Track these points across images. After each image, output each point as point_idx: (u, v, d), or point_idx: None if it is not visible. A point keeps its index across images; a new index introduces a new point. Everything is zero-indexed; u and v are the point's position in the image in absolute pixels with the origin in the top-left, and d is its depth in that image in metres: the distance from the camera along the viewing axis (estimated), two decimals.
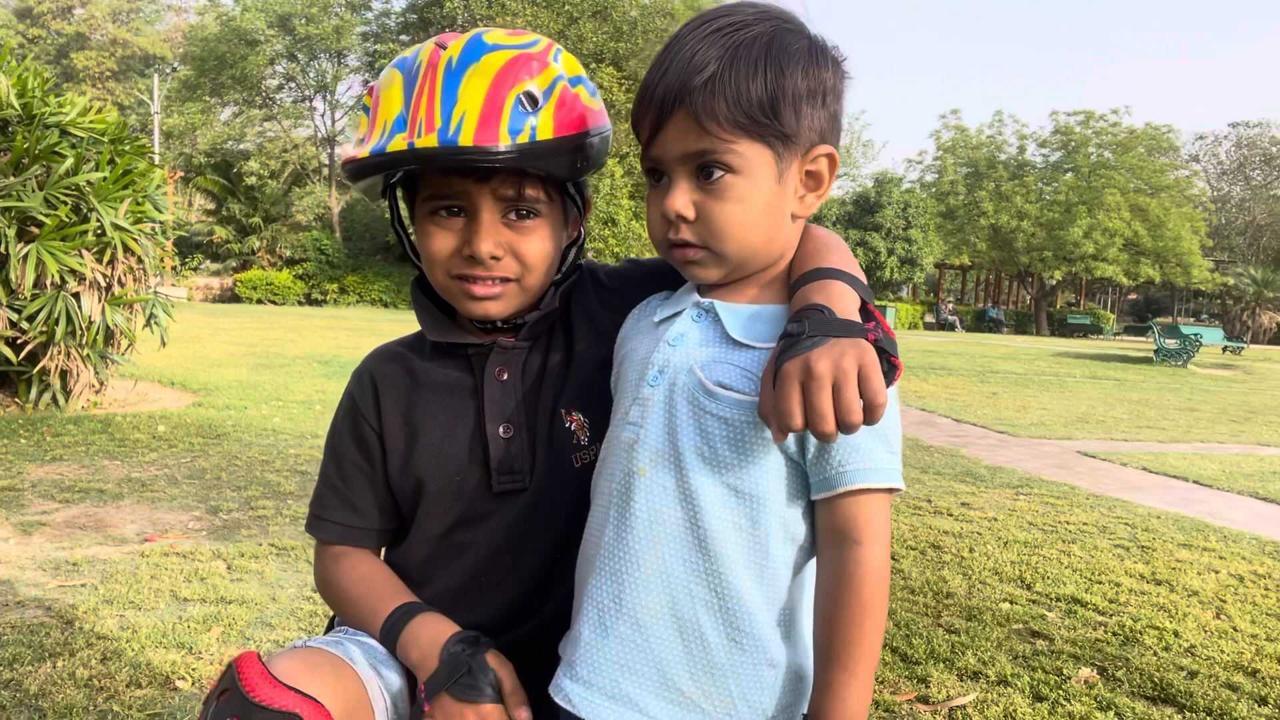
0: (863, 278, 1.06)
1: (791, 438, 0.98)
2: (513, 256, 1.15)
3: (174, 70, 40.48)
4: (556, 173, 1.14)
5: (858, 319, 0.95)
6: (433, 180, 1.14)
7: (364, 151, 1.09)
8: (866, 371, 0.88)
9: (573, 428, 1.21)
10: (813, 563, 1.04)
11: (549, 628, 1.17)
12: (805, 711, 1.01)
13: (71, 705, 2.20)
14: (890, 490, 0.97)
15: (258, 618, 2.85)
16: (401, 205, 1.27)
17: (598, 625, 1.03)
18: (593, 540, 1.08)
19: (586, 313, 1.27)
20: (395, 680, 1.14)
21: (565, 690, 1.04)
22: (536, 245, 1.16)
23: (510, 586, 1.21)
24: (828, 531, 0.99)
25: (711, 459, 0.99)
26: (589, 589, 1.05)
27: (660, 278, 1.24)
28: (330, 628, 1.39)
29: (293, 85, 39.79)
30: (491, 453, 1.20)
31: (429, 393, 1.25)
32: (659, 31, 31.70)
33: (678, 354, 1.04)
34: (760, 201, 1.00)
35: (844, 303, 0.97)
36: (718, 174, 0.99)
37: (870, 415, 0.88)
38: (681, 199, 1.00)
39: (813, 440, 0.97)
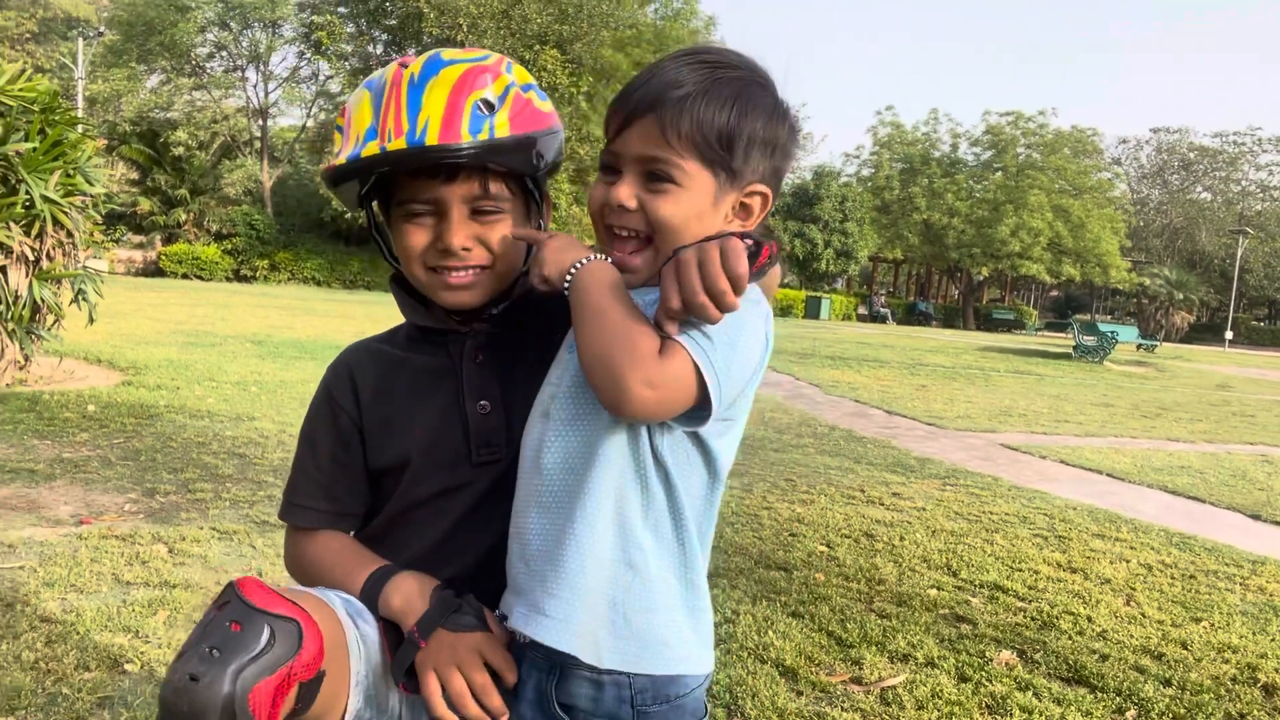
0: None
1: None
2: (482, 246, 1.26)
3: (99, 34, 38.75)
4: (516, 168, 1.25)
5: None
6: (405, 184, 1.25)
7: (341, 160, 1.21)
8: (727, 250, 1.03)
9: None
10: (706, 512, 1.17)
11: None
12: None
13: (20, 688, 2.19)
14: (696, 367, 1.03)
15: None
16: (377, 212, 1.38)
17: (519, 555, 1.17)
18: (517, 481, 1.20)
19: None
20: (371, 633, 1.21)
21: (505, 601, 1.19)
22: (503, 235, 1.27)
23: (479, 547, 1.30)
24: None
25: (610, 419, 1.10)
26: (513, 523, 1.19)
27: None
28: None
29: (224, 54, 38.44)
30: (471, 427, 1.30)
31: (408, 378, 1.35)
32: (604, 16, 31.53)
33: None
34: (692, 213, 1.13)
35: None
36: (663, 182, 1.12)
37: (735, 285, 1.02)
38: (626, 191, 1.13)
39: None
